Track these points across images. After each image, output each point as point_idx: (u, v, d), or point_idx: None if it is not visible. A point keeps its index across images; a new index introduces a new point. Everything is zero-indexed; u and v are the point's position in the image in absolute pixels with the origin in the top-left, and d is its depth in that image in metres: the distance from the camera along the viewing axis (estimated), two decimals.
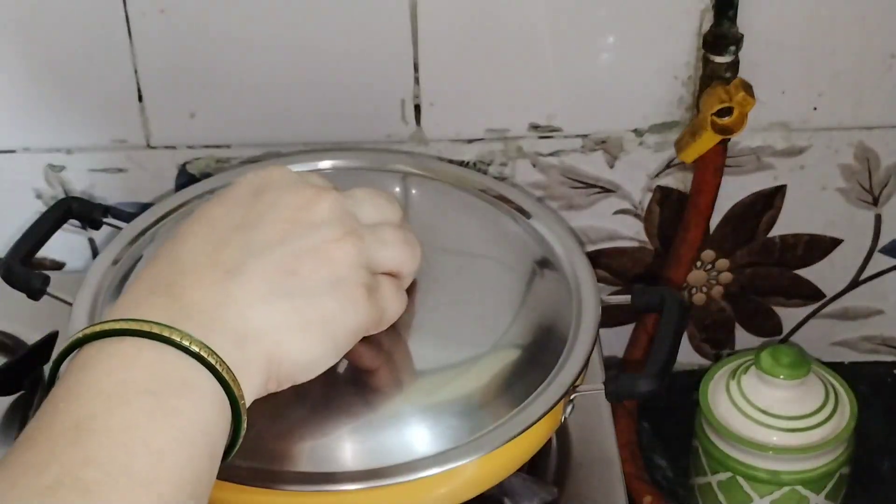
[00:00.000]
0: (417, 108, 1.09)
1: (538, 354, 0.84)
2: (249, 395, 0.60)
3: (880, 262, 1.20)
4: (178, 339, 0.57)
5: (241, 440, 0.61)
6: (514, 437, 0.79)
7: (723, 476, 1.08)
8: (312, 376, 0.64)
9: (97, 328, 0.58)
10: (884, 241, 1.18)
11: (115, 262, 0.91)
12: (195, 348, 0.57)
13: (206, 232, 0.64)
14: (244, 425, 0.60)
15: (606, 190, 1.14)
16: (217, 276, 0.61)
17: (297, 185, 0.66)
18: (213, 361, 0.58)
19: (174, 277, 0.61)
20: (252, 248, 0.62)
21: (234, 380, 0.58)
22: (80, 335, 0.59)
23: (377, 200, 0.70)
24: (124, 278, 0.89)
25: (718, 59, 1.04)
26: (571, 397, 0.84)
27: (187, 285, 0.60)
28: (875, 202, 1.16)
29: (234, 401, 0.59)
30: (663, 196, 1.15)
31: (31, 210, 1.13)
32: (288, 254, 0.63)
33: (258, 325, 0.60)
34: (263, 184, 0.66)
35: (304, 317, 0.62)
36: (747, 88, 1.04)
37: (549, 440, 0.93)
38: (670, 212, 1.16)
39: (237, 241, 0.63)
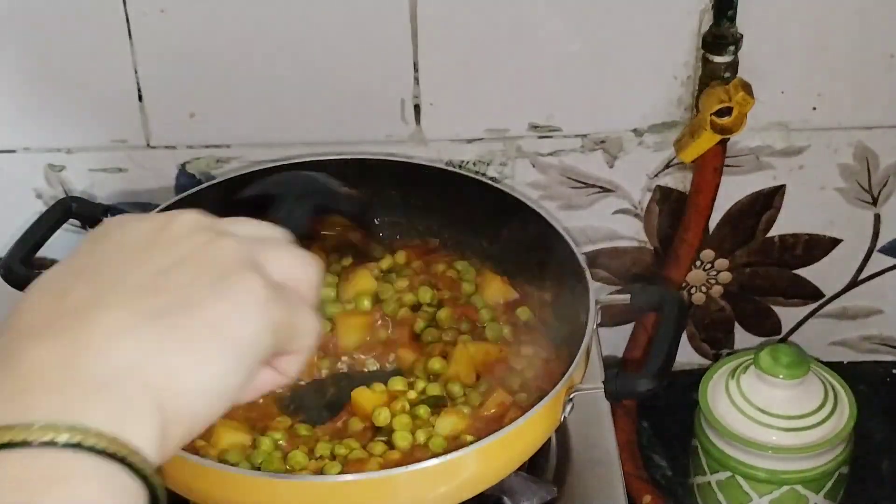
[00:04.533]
0: (417, 108, 1.09)
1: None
2: (146, 446, 0.46)
3: (879, 261, 1.20)
4: (15, 439, 0.44)
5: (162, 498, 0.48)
6: (511, 430, 0.79)
7: (722, 475, 1.08)
8: (223, 402, 0.50)
9: None
10: (883, 240, 1.18)
11: None
12: (38, 436, 0.44)
13: (46, 288, 0.51)
14: (157, 482, 0.47)
15: (606, 190, 1.14)
16: (62, 324, 0.48)
17: (142, 217, 0.55)
18: (71, 438, 0.44)
19: (11, 343, 0.48)
20: (103, 283, 0.50)
21: (115, 440, 0.45)
22: None
23: (253, 221, 0.58)
24: None
25: (718, 59, 1.04)
26: (571, 396, 0.84)
27: (25, 347, 0.47)
28: (874, 202, 1.16)
29: (131, 464, 0.46)
30: (663, 196, 1.15)
31: (31, 210, 1.13)
32: (149, 274, 0.51)
33: (127, 359, 0.47)
34: (103, 230, 0.55)
35: (185, 330, 0.49)
36: (746, 88, 1.05)
37: (549, 439, 0.93)
38: (670, 212, 1.16)
39: (83, 283, 0.50)
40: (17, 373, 0.47)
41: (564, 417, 0.85)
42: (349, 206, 0.81)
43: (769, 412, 1.05)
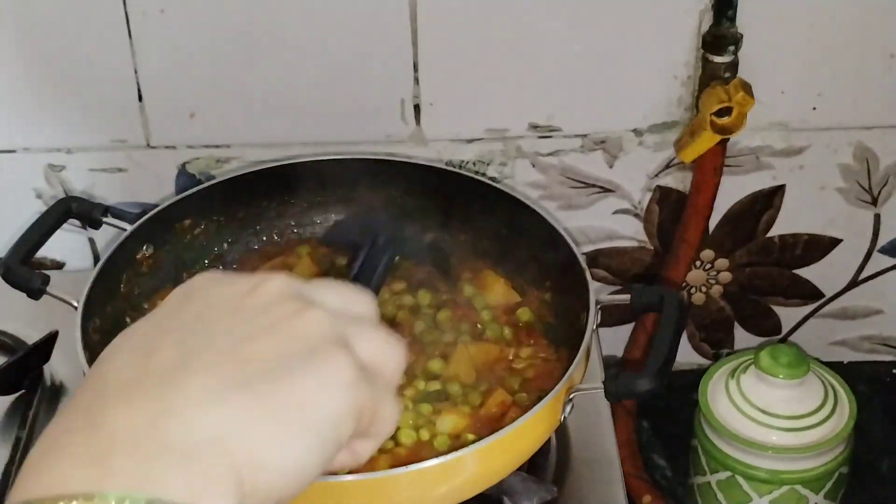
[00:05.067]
0: (417, 108, 1.09)
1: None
2: None
3: (879, 261, 1.20)
4: None
5: None
6: (511, 430, 0.79)
7: (722, 475, 1.08)
8: (299, 485, 0.50)
9: None
10: (883, 240, 1.18)
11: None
12: None
13: (132, 345, 0.51)
14: None
15: (606, 190, 1.14)
16: (149, 386, 0.47)
17: (231, 278, 0.54)
18: None
19: (95, 402, 0.48)
20: (191, 346, 0.49)
21: None
22: None
23: (343, 290, 0.56)
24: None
25: (718, 59, 1.04)
26: (571, 396, 0.84)
27: (110, 406, 0.47)
28: (874, 202, 1.16)
29: None
30: (662, 196, 1.15)
31: (31, 210, 1.13)
32: (238, 341, 0.49)
33: (210, 430, 0.46)
34: (191, 289, 0.54)
35: (271, 405, 0.48)
36: (746, 88, 1.05)
37: (549, 439, 0.93)
38: (670, 211, 1.16)
39: (171, 344, 0.49)
40: (100, 435, 0.46)
41: (564, 417, 0.85)
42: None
43: (769, 412, 1.05)
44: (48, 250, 1.09)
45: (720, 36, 1.04)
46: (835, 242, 1.18)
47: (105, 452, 0.45)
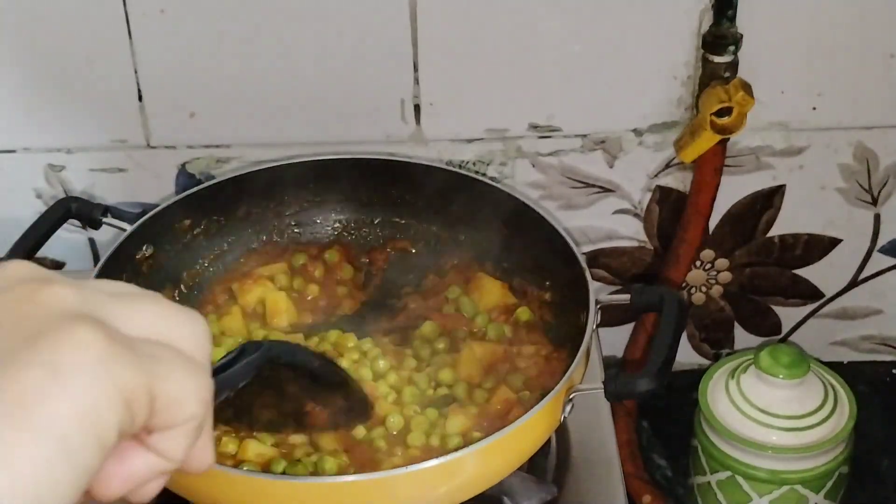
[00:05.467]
0: (417, 108, 1.09)
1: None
2: None
3: (879, 261, 1.20)
4: None
5: None
6: (511, 431, 0.79)
7: (722, 475, 1.08)
8: (51, 499, 0.37)
9: None
10: (883, 240, 1.18)
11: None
12: None
13: None
14: None
15: (606, 190, 1.14)
16: None
17: None
18: None
19: None
20: None
21: None
22: None
23: (121, 284, 0.44)
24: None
25: (718, 59, 1.04)
26: (571, 396, 0.84)
27: None
28: (874, 202, 1.16)
29: None
30: (663, 196, 1.15)
31: (31, 210, 1.13)
32: None
33: None
34: None
35: None
36: (746, 88, 1.05)
37: (549, 439, 0.93)
38: (670, 211, 1.16)
39: None
40: None
41: (564, 417, 0.85)
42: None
43: (769, 412, 1.05)
44: (48, 250, 1.09)
45: (720, 36, 1.04)
46: (835, 242, 1.18)
47: None
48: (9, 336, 0.38)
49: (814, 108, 1.10)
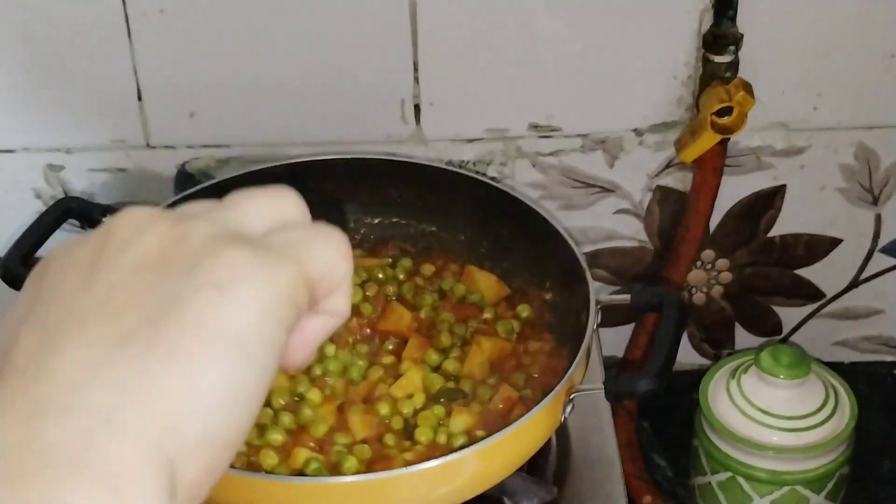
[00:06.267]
0: (417, 108, 1.09)
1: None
2: None
3: (880, 261, 1.20)
4: None
5: None
6: (511, 431, 0.79)
7: (723, 476, 1.08)
8: (245, 407, 0.40)
9: None
10: (884, 240, 1.18)
11: None
12: None
13: None
14: None
15: (606, 190, 1.14)
16: (11, 388, 0.38)
17: (83, 236, 0.43)
18: None
19: None
20: (51, 323, 0.40)
21: None
22: None
23: (256, 199, 0.46)
24: None
25: (718, 59, 1.04)
26: (571, 397, 0.84)
27: None
28: (875, 202, 1.16)
29: None
30: (663, 196, 1.15)
31: (31, 210, 1.12)
32: (103, 294, 0.40)
33: (98, 411, 0.37)
34: (42, 268, 0.43)
35: (164, 345, 0.38)
36: (747, 88, 1.04)
37: (549, 440, 0.93)
38: (670, 212, 1.16)
39: (28, 331, 0.39)
40: None
41: (564, 418, 0.84)
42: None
43: (770, 412, 1.05)
44: (48, 250, 1.09)
45: (721, 35, 1.04)
46: (835, 242, 1.18)
47: None
48: (164, 273, 0.40)
49: (814, 108, 1.09)
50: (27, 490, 0.35)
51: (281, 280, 0.41)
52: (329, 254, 0.44)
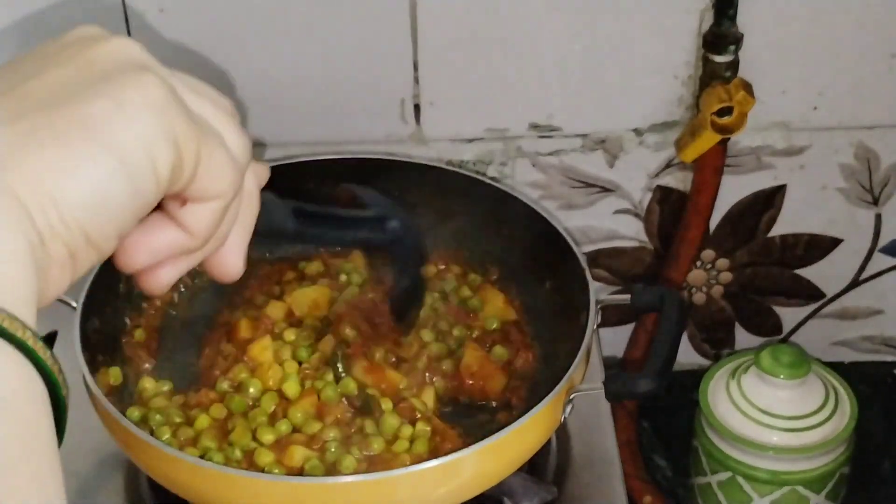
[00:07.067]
0: (417, 108, 1.09)
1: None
2: (17, 276, 0.40)
3: (880, 261, 1.20)
4: None
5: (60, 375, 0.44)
6: (511, 431, 0.79)
7: (723, 476, 1.08)
8: (113, 218, 0.43)
9: None
10: (884, 240, 1.18)
11: None
12: None
13: None
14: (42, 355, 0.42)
15: (606, 189, 1.14)
16: None
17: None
18: None
19: None
20: None
21: None
22: None
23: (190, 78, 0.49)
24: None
25: (718, 59, 1.04)
26: (571, 397, 0.84)
27: None
28: (875, 202, 1.16)
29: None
30: (663, 196, 1.15)
31: None
32: (21, 80, 0.43)
33: None
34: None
35: (52, 129, 0.41)
36: (747, 88, 1.04)
37: (549, 440, 0.93)
38: (670, 211, 1.16)
39: None
40: None
41: (564, 418, 0.84)
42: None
43: (770, 412, 1.05)
44: None
45: (721, 35, 1.04)
46: (836, 242, 1.18)
47: None
48: (78, 75, 0.43)
49: (815, 108, 1.09)
50: None
51: (180, 130, 0.44)
52: (225, 165, 0.47)
